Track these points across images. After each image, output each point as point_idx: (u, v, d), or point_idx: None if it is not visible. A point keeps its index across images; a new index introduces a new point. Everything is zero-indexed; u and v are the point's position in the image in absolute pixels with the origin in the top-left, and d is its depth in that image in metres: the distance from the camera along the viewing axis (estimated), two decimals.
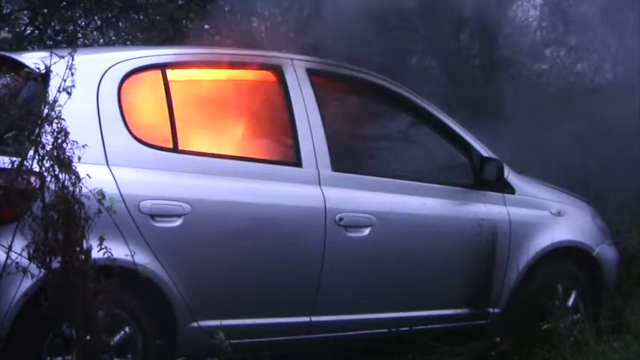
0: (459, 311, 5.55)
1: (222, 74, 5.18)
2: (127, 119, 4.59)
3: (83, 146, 4.01)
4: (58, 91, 3.99)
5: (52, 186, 3.92)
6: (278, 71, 5.14)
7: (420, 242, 5.36)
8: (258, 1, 7.21)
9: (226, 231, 4.71)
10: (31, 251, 3.89)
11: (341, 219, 5.03)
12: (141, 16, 9.10)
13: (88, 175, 3.98)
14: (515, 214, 5.71)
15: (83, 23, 9.39)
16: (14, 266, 3.94)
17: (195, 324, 4.65)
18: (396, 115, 5.76)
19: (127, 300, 4.26)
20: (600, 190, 8.24)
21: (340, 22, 5.63)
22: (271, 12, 7.84)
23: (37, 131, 3.95)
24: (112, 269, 3.98)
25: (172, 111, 4.75)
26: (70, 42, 8.50)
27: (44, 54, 4.30)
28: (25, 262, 3.92)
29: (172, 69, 4.89)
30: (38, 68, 4.17)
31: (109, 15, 9.47)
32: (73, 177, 3.92)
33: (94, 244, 3.98)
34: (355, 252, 5.09)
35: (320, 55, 5.36)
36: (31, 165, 3.94)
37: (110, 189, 4.25)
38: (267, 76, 5.18)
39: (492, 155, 5.67)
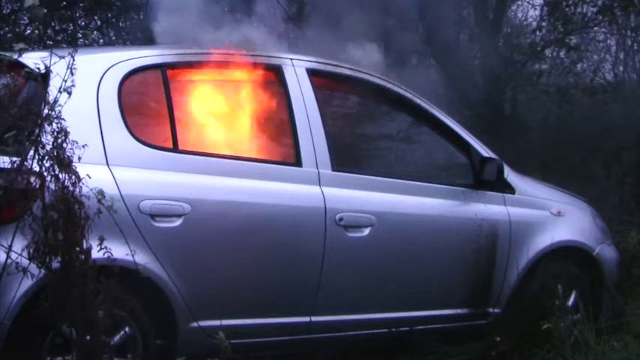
0: (459, 311, 5.55)
1: (222, 74, 5.18)
2: (127, 119, 4.59)
3: (83, 146, 4.01)
4: (59, 91, 4.00)
5: (52, 186, 3.92)
6: (278, 71, 5.14)
7: (420, 242, 5.36)
8: None
9: (226, 231, 4.71)
10: (31, 251, 3.90)
11: (341, 219, 5.03)
12: (141, 16, 9.09)
13: (88, 175, 3.98)
14: (515, 214, 5.71)
15: (83, 23, 9.40)
16: (14, 266, 3.94)
17: (195, 324, 4.64)
18: (396, 115, 5.75)
19: (127, 300, 4.26)
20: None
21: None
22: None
23: (37, 131, 3.95)
24: (112, 269, 3.99)
25: (172, 111, 4.75)
26: (70, 42, 8.50)
27: (44, 54, 4.30)
28: (25, 262, 3.92)
29: (172, 69, 4.89)
30: (38, 68, 4.16)
31: (109, 15, 9.47)
32: (73, 177, 3.92)
33: (94, 244, 3.98)
34: (355, 252, 5.09)
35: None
36: (31, 165, 3.94)
37: (110, 189, 4.25)
38: (267, 76, 5.18)
39: (492, 155, 5.67)
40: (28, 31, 8.93)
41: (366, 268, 5.14)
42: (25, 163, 3.94)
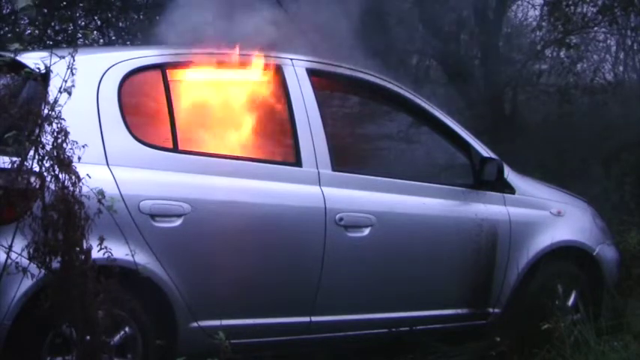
0: (459, 311, 5.55)
1: (222, 74, 5.18)
2: (127, 119, 4.59)
3: (83, 146, 4.01)
4: (59, 91, 4.00)
5: (52, 186, 3.92)
6: (278, 71, 5.14)
7: (420, 242, 5.36)
8: None
9: (226, 231, 4.71)
10: (31, 251, 3.89)
11: (341, 219, 5.03)
12: (141, 16, 9.10)
13: (88, 175, 3.98)
14: (515, 214, 5.70)
15: (83, 23, 9.40)
16: (14, 266, 3.94)
17: (195, 324, 4.65)
18: (396, 115, 5.75)
19: (127, 300, 4.26)
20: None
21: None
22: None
23: (37, 131, 3.95)
24: (112, 269, 3.99)
25: (172, 111, 4.76)
26: (70, 42, 8.50)
27: (44, 54, 4.30)
28: (25, 262, 3.92)
29: (172, 69, 4.89)
30: (38, 68, 4.16)
31: (109, 15, 9.47)
32: (73, 177, 3.92)
33: (94, 244, 3.98)
34: (355, 252, 5.09)
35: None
36: (31, 165, 3.94)
37: (110, 189, 4.25)
38: (267, 76, 5.18)
39: (492, 155, 5.67)
40: (28, 31, 8.93)
41: (366, 268, 5.14)
42: (25, 163, 3.93)
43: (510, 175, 5.78)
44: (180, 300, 4.57)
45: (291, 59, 5.20)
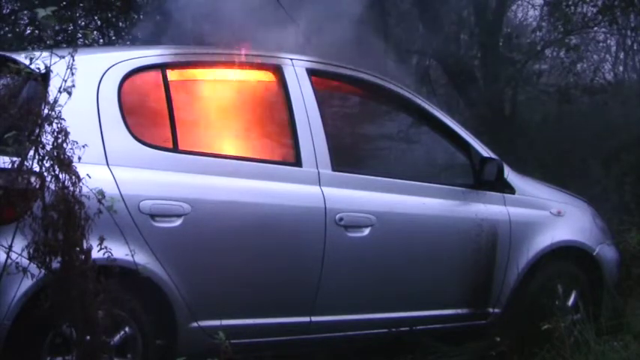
0: (459, 311, 5.55)
1: (222, 74, 5.18)
2: (127, 119, 4.59)
3: (83, 146, 4.01)
4: (59, 91, 4.00)
5: (52, 186, 3.92)
6: (278, 71, 5.14)
7: (420, 242, 5.36)
8: None
9: (226, 231, 4.71)
10: (31, 251, 3.89)
11: (341, 219, 5.03)
12: (141, 16, 9.10)
13: (88, 175, 3.98)
14: (515, 214, 5.70)
15: (83, 23, 9.40)
16: (14, 266, 3.94)
17: (195, 324, 4.65)
18: (396, 115, 5.76)
19: (127, 300, 4.26)
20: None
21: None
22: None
23: (37, 131, 3.95)
24: (112, 269, 3.99)
25: (172, 111, 4.75)
26: (70, 42, 8.50)
27: (44, 54, 4.30)
28: (25, 262, 3.92)
29: (172, 69, 4.89)
30: (38, 68, 4.16)
31: (109, 15, 9.47)
32: (73, 177, 3.92)
33: (94, 244, 3.98)
34: (355, 252, 5.09)
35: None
36: (31, 165, 3.94)
37: (110, 189, 4.25)
38: (267, 76, 5.18)
39: (492, 155, 5.67)
40: (28, 31, 8.93)
41: (366, 268, 5.14)
42: (25, 163, 3.94)
43: (510, 175, 5.78)
44: (180, 300, 4.57)
45: (291, 59, 5.20)
